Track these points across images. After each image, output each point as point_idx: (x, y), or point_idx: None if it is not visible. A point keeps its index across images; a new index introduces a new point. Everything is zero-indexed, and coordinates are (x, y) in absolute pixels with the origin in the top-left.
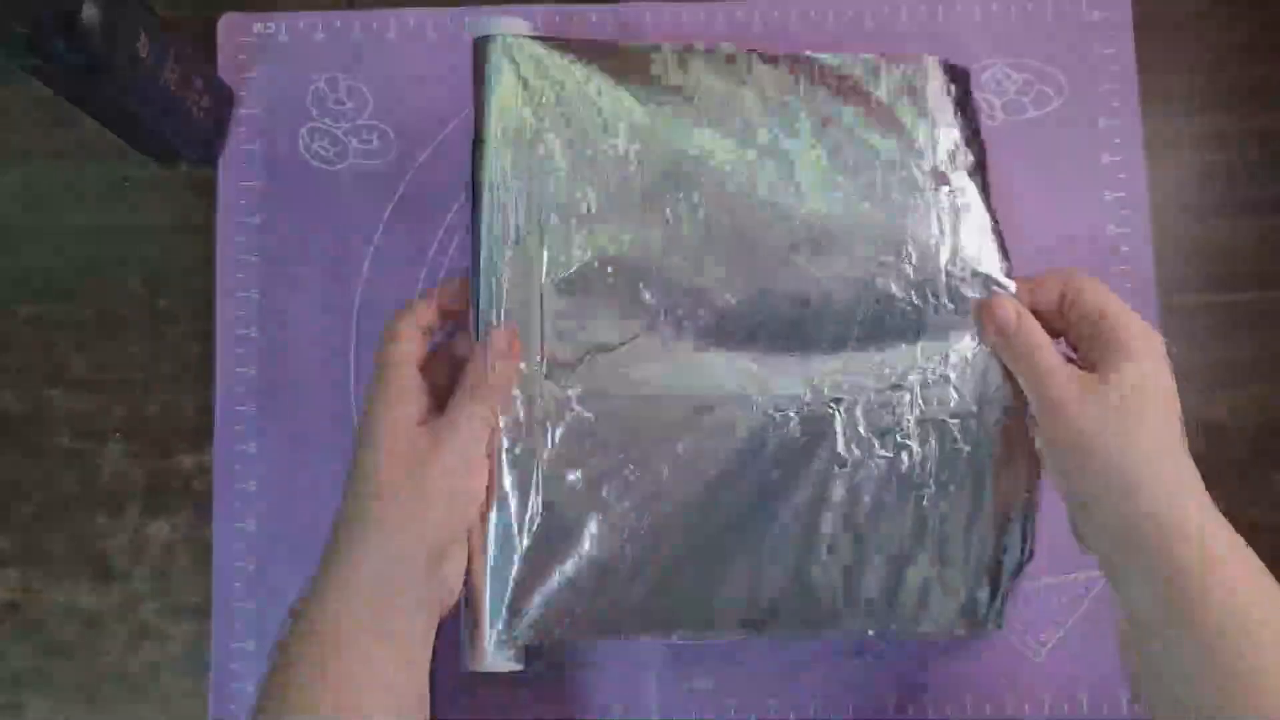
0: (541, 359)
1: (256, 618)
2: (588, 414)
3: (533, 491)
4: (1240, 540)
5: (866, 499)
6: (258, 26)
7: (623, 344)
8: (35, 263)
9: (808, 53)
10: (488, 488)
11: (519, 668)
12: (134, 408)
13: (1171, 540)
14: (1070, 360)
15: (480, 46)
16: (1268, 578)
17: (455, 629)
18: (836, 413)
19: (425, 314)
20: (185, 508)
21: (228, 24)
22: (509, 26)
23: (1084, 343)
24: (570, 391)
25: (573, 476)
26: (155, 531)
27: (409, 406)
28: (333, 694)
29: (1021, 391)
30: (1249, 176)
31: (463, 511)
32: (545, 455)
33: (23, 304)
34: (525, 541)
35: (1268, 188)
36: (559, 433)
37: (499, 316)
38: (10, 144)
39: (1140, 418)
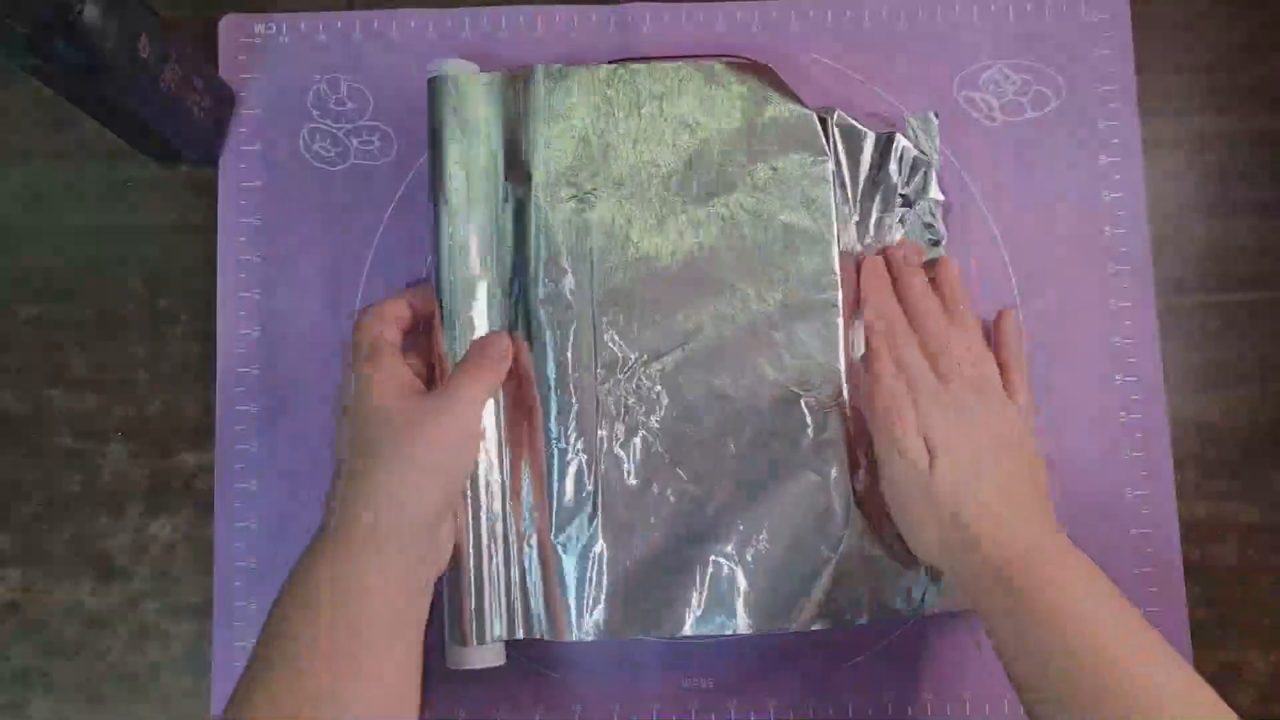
0: (596, 365)
1: (257, 617)
2: (640, 414)
3: (575, 489)
4: (1074, 562)
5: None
6: (259, 27)
7: (675, 349)
8: (35, 263)
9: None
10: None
11: (500, 663)
12: (135, 408)
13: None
14: None
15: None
16: (1098, 582)
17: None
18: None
19: (399, 310)
20: (186, 507)
21: (229, 25)
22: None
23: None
24: (624, 395)
25: (626, 479)
26: (156, 531)
27: (403, 383)
28: (333, 659)
29: None
30: (1247, 177)
31: (456, 482)
32: (596, 455)
33: (23, 304)
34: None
35: (1266, 189)
36: (612, 436)
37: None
38: (10, 144)
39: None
